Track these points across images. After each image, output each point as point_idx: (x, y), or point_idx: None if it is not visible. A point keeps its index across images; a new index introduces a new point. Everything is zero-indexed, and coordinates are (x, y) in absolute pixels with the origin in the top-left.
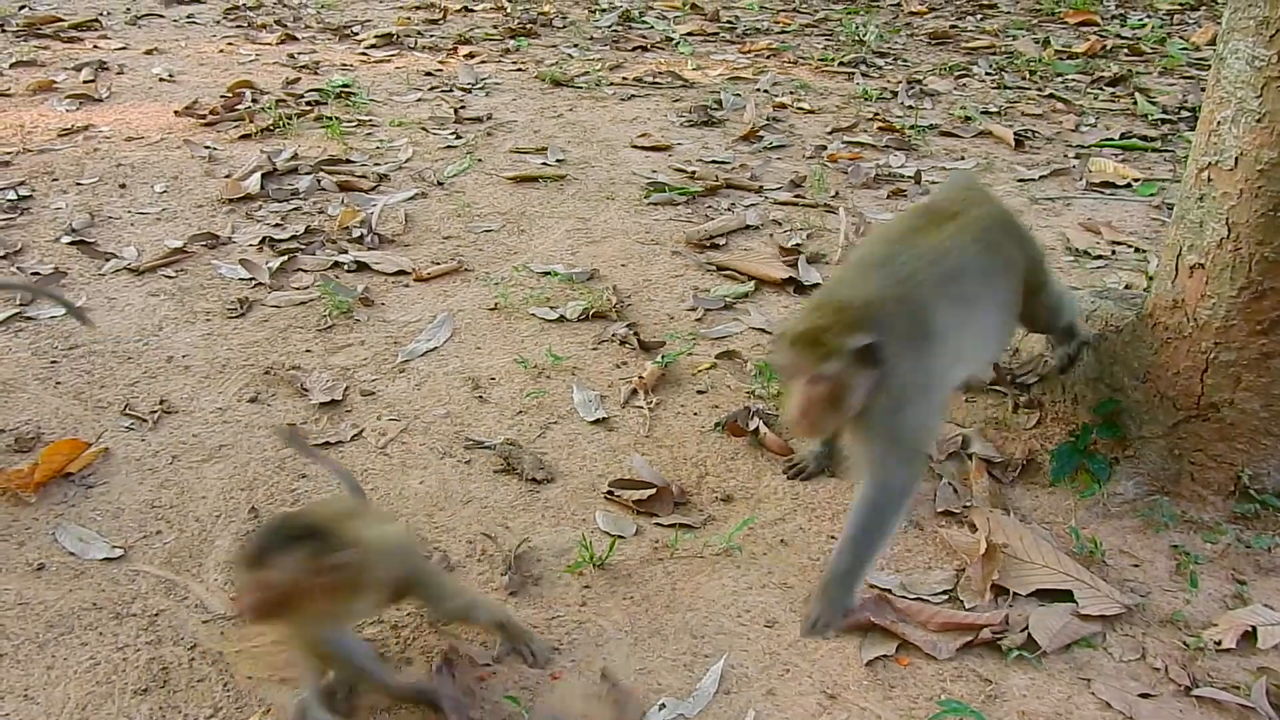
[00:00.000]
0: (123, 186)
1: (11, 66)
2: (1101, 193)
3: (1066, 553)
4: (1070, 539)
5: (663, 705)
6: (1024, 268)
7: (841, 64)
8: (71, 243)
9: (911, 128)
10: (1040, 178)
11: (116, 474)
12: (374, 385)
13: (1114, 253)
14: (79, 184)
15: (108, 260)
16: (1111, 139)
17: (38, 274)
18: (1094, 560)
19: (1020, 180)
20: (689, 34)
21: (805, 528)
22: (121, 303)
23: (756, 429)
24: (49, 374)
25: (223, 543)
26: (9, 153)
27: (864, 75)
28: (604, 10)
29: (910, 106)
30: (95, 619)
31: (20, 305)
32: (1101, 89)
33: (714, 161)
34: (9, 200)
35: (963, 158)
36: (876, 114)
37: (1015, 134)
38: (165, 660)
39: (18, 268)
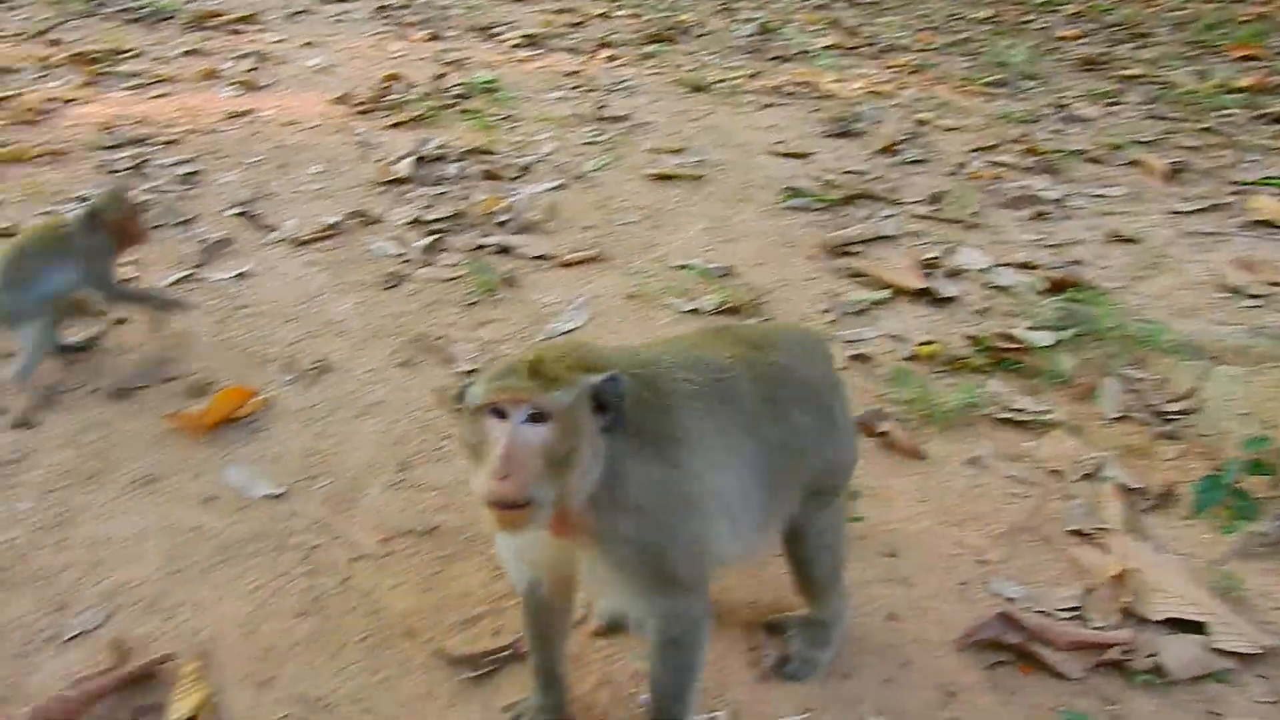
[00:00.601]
0: (283, 166)
1: (181, 55)
2: (1260, 231)
3: (1203, 586)
4: (1208, 573)
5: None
6: (820, 456)
7: (985, 84)
8: (238, 214)
9: (1056, 152)
10: (1193, 211)
11: (278, 422)
12: None
13: (1270, 293)
14: (243, 163)
15: (270, 232)
16: (1273, 177)
17: (206, 241)
18: (1232, 597)
19: (1172, 213)
20: (827, 47)
21: (933, 530)
22: (282, 270)
23: (886, 430)
24: (220, 330)
25: (373, 491)
26: (179, 132)
27: (1008, 97)
28: (743, 21)
29: (1056, 130)
30: (258, 548)
31: (195, 266)
32: (1265, 125)
33: (851, 171)
34: (180, 175)
35: (1110, 184)
36: (1020, 136)
37: (1169, 165)
38: (320, 589)
39: (190, 234)
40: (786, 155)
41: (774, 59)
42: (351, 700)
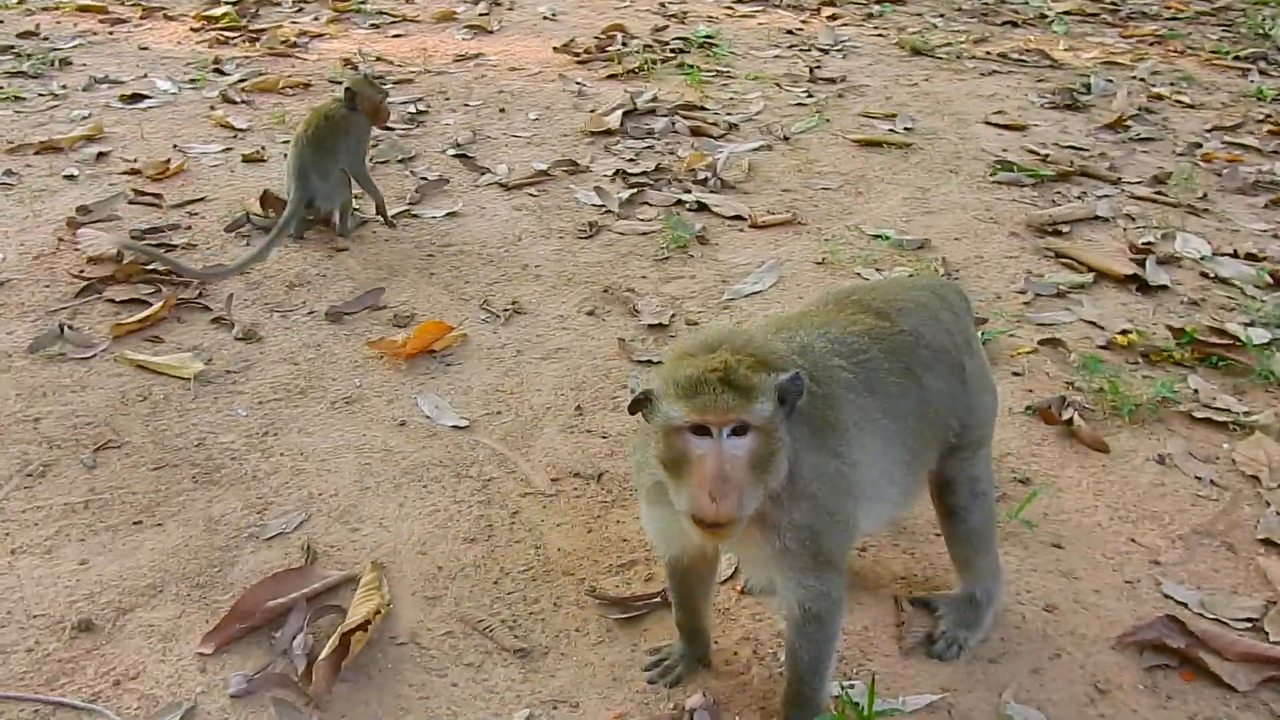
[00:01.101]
0: (502, 111)
1: None
2: None
3: None
4: None
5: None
6: (955, 415)
7: (1237, 58)
8: (455, 155)
9: None
10: None
11: (470, 357)
12: (698, 316)
13: None
14: (466, 105)
15: (483, 174)
16: None
17: (426, 179)
18: None
19: None
20: (1066, 12)
21: (1104, 525)
22: (490, 212)
23: (1071, 419)
24: (426, 266)
25: (549, 432)
26: (413, 72)
27: (1262, 73)
28: None
29: None
30: (440, 474)
31: (409, 204)
32: None
33: (1071, 147)
34: (410, 113)
35: None
36: (1268, 115)
37: None
38: (491, 519)
39: (411, 171)
40: (1004, 126)
41: (1005, 23)
42: (507, 626)
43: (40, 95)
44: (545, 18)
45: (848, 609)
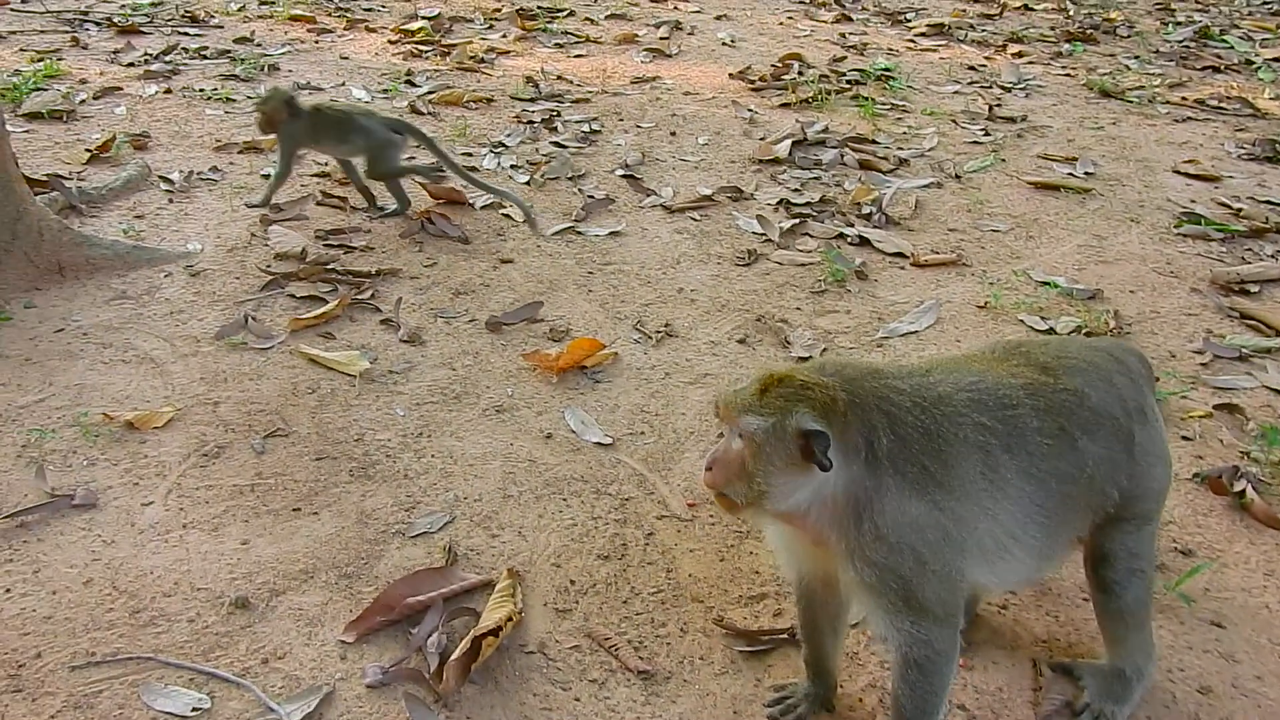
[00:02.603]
0: (673, 134)
1: (608, 18)
2: None
3: None
4: None
5: None
6: (1115, 484)
7: None
8: (623, 176)
9: None
10: None
11: (619, 376)
12: (850, 352)
13: None
14: (639, 126)
15: (648, 195)
16: None
17: (593, 198)
18: None
19: None
20: (1275, 59)
21: (1272, 608)
22: (651, 234)
23: (1243, 491)
24: (585, 282)
25: (690, 456)
26: (590, 92)
27: None
28: (1178, 24)
29: None
30: (580, 489)
31: (575, 220)
32: None
33: (1268, 202)
34: (584, 132)
35: None
36: None
37: None
38: (625, 538)
39: (579, 189)
40: (1194, 177)
41: (1205, 68)
42: (633, 646)
43: (249, 98)
44: (724, 44)
45: (980, 667)
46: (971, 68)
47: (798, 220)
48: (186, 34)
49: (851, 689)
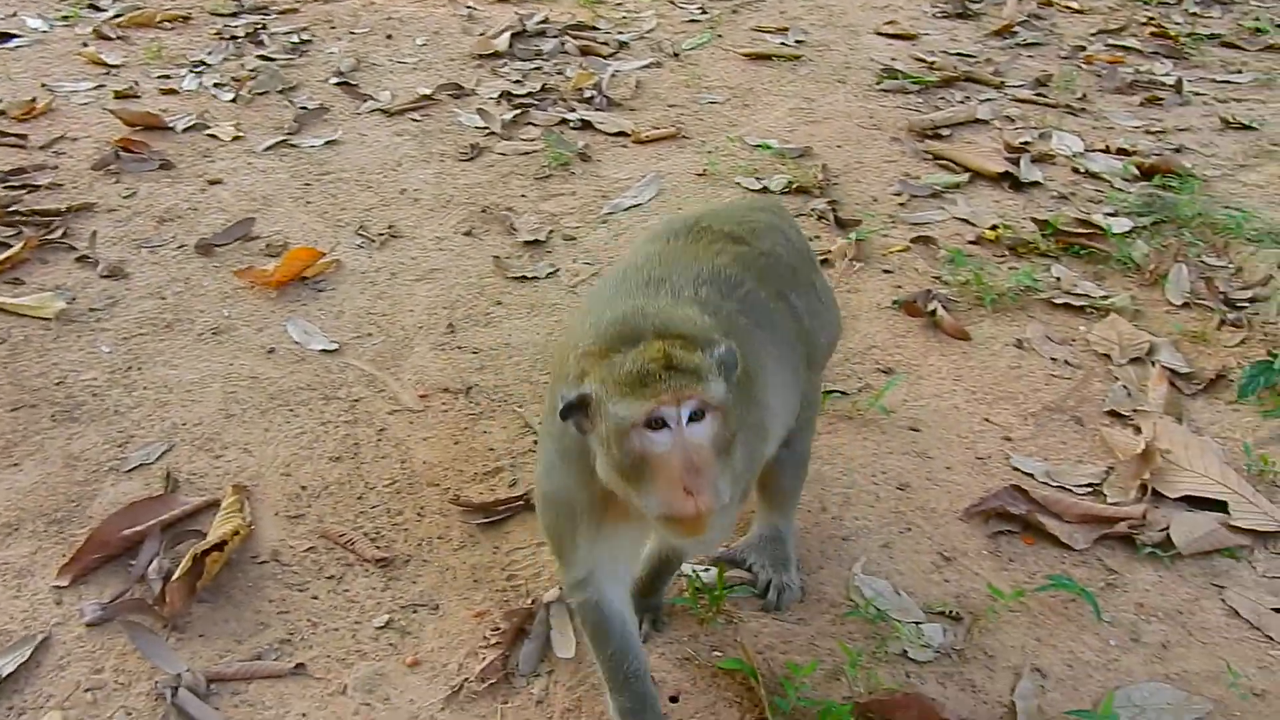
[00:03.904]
0: (389, 37)
1: None
2: None
3: (1234, 468)
4: (1243, 457)
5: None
6: (820, 333)
7: None
8: (338, 84)
9: (1189, 35)
10: None
11: (343, 283)
12: (576, 231)
13: None
14: (352, 33)
15: (365, 101)
16: None
17: (305, 109)
18: (1262, 479)
19: None
20: None
21: (960, 407)
22: (371, 139)
23: (934, 310)
24: (301, 195)
25: (420, 350)
26: (298, 1)
27: None
28: None
29: (1194, 14)
30: (307, 398)
31: (287, 134)
32: None
33: (959, 54)
34: (293, 43)
35: (1240, 70)
36: (1152, 19)
37: None
38: (357, 438)
39: (290, 101)
40: (894, 36)
41: None
42: (369, 538)
43: None
44: None
45: None
46: None
47: (520, 110)
48: None
49: None
